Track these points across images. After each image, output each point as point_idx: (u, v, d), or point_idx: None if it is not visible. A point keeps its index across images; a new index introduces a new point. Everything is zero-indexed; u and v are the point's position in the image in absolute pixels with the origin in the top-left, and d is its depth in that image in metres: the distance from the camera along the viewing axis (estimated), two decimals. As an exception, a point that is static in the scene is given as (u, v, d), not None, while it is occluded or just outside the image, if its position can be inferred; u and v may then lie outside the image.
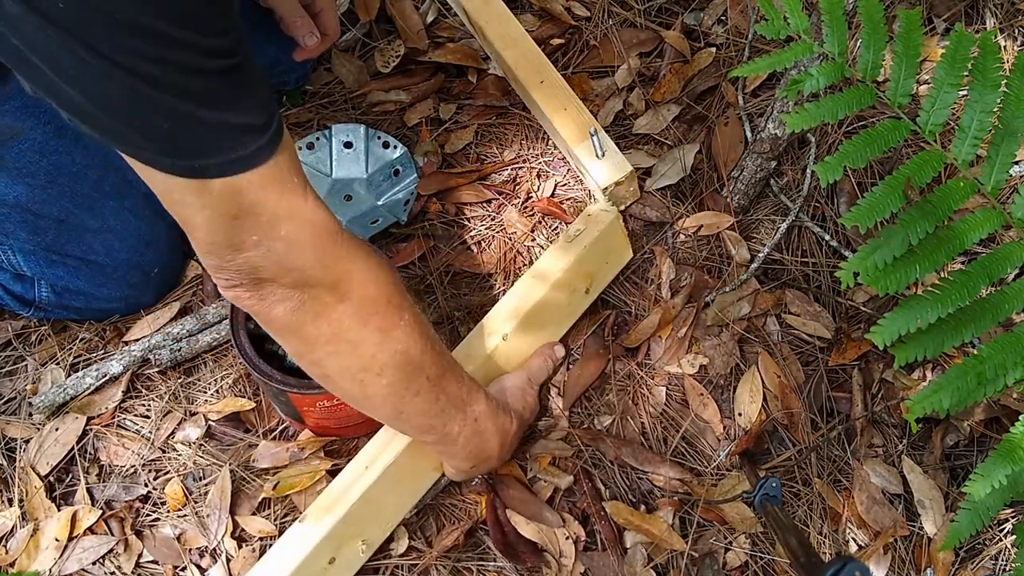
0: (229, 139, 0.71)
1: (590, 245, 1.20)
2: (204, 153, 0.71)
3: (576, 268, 1.19)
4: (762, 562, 1.11)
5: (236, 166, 0.72)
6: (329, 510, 1.04)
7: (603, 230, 1.21)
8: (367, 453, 1.08)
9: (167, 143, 0.70)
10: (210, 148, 0.71)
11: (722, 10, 1.49)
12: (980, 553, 1.11)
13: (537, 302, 1.16)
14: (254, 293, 0.81)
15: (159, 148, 0.70)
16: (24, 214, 1.16)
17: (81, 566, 1.13)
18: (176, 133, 0.69)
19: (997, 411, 1.17)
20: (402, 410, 0.96)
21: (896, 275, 0.90)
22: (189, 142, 0.70)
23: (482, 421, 1.03)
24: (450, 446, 1.03)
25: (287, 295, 0.82)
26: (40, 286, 1.23)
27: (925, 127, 0.94)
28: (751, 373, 1.21)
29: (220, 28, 0.68)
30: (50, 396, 1.21)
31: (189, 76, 0.67)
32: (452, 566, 1.11)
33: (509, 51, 1.40)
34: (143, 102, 0.66)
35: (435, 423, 0.99)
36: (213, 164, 0.71)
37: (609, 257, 1.25)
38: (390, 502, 1.10)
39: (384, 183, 1.37)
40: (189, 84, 0.67)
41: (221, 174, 0.72)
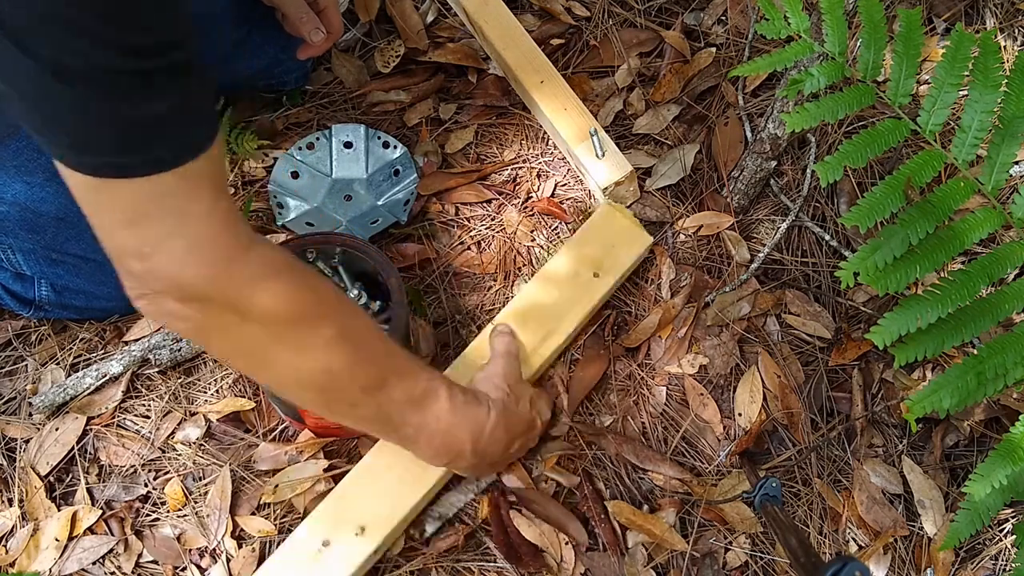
0: (133, 141, 0.69)
1: (583, 229, 1.24)
2: (105, 151, 0.69)
3: (571, 251, 1.21)
4: (762, 562, 1.11)
5: (135, 170, 0.70)
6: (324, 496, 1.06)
7: (594, 216, 1.25)
8: None
9: (72, 137, 0.68)
10: (111, 147, 0.69)
11: (722, 10, 1.49)
12: (980, 553, 1.11)
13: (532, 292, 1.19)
14: (157, 306, 0.79)
15: (65, 141, 0.69)
16: (23, 212, 1.16)
17: (81, 566, 1.13)
18: (81, 128, 0.67)
19: (997, 411, 1.17)
20: (342, 417, 0.94)
21: (896, 275, 0.90)
22: (92, 138, 0.68)
23: (444, 418, 0.99)
24: (410, 445, 1.00)
25: (185, 312, 0.79)
26: (40, 285, 1.23)
27: (925, 127, 0.94)
28: (751, 373, 1.21)
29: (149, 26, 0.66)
30: (50, 396, 1.21)
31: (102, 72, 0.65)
32: (452, 566, 1.11)
33: (509, 51, 1.40)
34: (51, 92, 0.65)
35: (381, 428, 0.96)
36: (113, 164, 0.69)
37: (615, 240, 1.25)
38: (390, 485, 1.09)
39: (384, 183, 1.37)
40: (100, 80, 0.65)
41: (117, 175, 0.70)
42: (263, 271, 0.81)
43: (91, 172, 0.70)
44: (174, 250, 0.74)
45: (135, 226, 0.73)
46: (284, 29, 1.35)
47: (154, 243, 0.74)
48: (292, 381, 0.88)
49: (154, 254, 0.74)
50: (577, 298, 1.22)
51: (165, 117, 0.70)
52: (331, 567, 1.05)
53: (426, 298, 1.28)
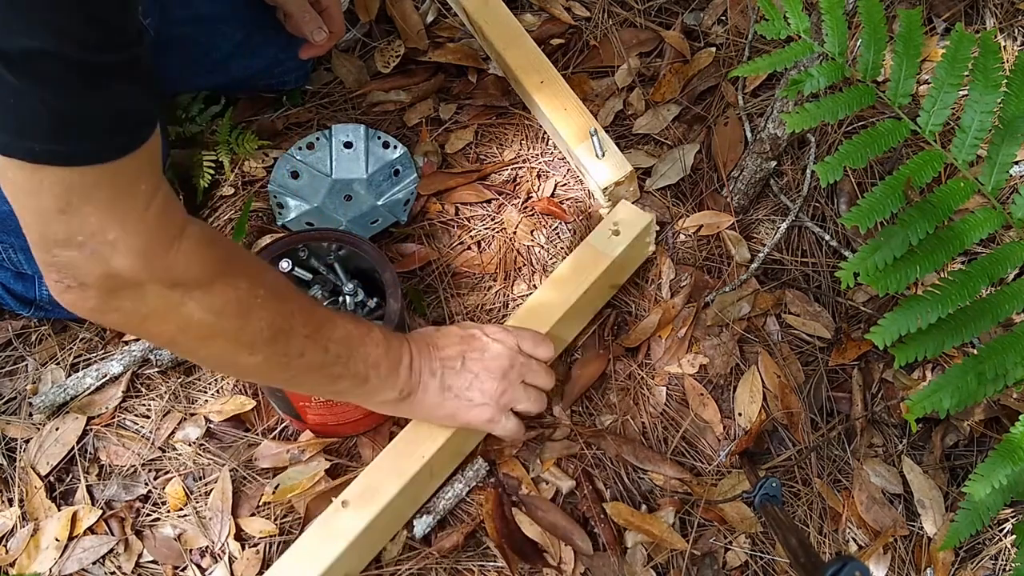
0: (70, 130, 0.69)
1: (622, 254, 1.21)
2: (40, 137, 0.68)
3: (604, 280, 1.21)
4: (762, 562, 1.11)
5: (71, 159, 0.70)
6: None
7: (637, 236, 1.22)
8: None
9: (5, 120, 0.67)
10: (48, 134, 0.68)
11: (722, 10, 1.49)
12: (980, 553, 1.11)
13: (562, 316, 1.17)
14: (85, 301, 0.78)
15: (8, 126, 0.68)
16: None
17: (81, 566, 1.13)
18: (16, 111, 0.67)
19: (997, 411, 1.17)
20: (294, 374, 0.94)
21: (896, 275, 0.90)
22: (28, 123, 0.67)
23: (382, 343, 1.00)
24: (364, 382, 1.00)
25: (113, 302, 0.78)
26: (41, 284, 1.23)
27: (925, 127, 0.94)
28: (751, 373, 1.21)
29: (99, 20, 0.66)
30: (50, 396, 1.21)
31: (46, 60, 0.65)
32: (452, 567, 1.11)
33: (509, 51, 1.40)
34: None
35: (339, 371, 0.96)
36: (48, 151, 0.69)
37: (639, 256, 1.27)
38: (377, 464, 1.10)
39: (384, 183, 1.37)
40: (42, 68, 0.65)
41: (55, 162, 0.69)
42: (196, 248, 0.81)
43: (29, 158, 0.69)
44: (108, 238, 0.74)
45: (69, 214, 0.72)
46: (285, 29, 1.35)
47: (88, 232, 0.73)
48: (241, 348, 0.88)
49: (87, 243, 0.74)
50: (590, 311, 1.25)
51: (107, 110, 0.70)
52: None
53: (426, 298, 1.28)
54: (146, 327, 0.83)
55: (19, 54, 0.64)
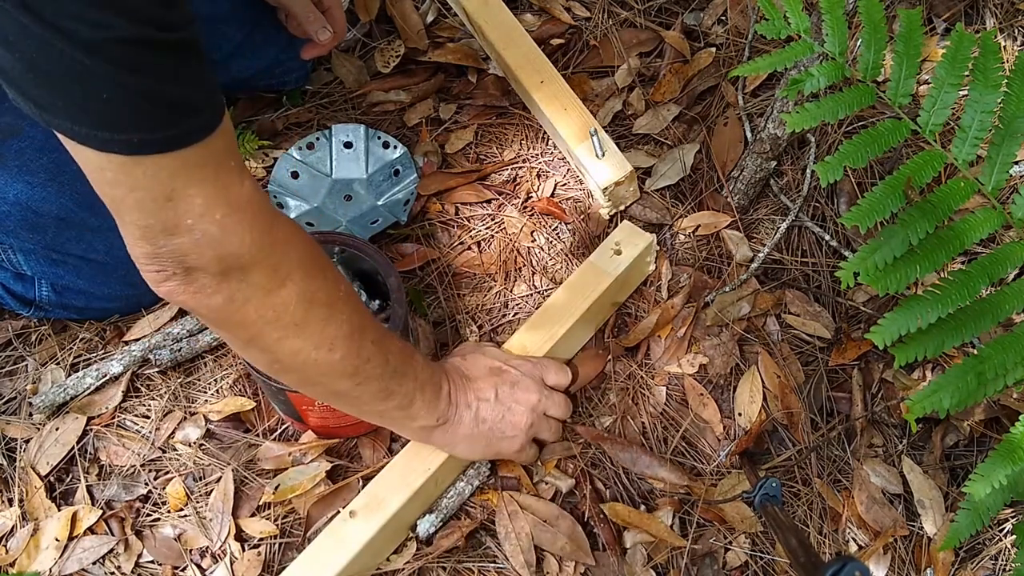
0: (167, 114, 0.69)
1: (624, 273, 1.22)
2: (139, 127, 0.69)
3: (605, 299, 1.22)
4: (762, 562, 1.11)
5: (171, 143, 0.70)
6: None
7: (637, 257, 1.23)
8: None
9: (102, 116, 0.68)
10: (145, 122, 0.69)
11: (722, 10, 1.49)
12: (980, 553, 1.11)
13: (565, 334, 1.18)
14: (188, 285, 0.79)
15: (94, 121, 0.68)
16: (24, 212, 1.16)
17: (81, 566, 1.13)
18: (112, 105, 0.67)
19: (997, 411, 1.17)
20: (359, 380, 0.95)
21: (896, 275, 0.90)
22: (124, 115, 0.68)
23: (426, 368, 1.02)
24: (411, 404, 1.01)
25: (223, 284, 0.80)
26: (40, 285, 1.23)
27: (925, 127, 0.94)
28: (751, 373, 1.21)
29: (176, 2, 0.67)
30: (50, 396, 1.21)
31: (129, 46, 0.65)
32: (452, 567, 1.11)
33: (509, 51, 1.40)
34: (81, 71, 0.65)
35: (391, 384, 0.98)
36: (147, 140, 0.69)
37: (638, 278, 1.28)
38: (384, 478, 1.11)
39: (384, 183, 1.37)
40: (128, 54, 0.65)
41: (155, 150, 0.70)
42: (293, 233, 0.84)
43: (128, 150, 0.69)
44: (216, 218, 0.75)
45: (175, 200, 0.73)
46: (286, 29, 1.35)
47: (196, 214, 0.74)
48: (324, 340, 0.89)
49: (197, 225, 0.75)
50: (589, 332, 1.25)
51: (187, 90, 0.70)
52: None
53: (426, 298, 1.28)
54: (244, 313, 0.83)
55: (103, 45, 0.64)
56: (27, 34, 0.63)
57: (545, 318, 1.19)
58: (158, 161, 0.70)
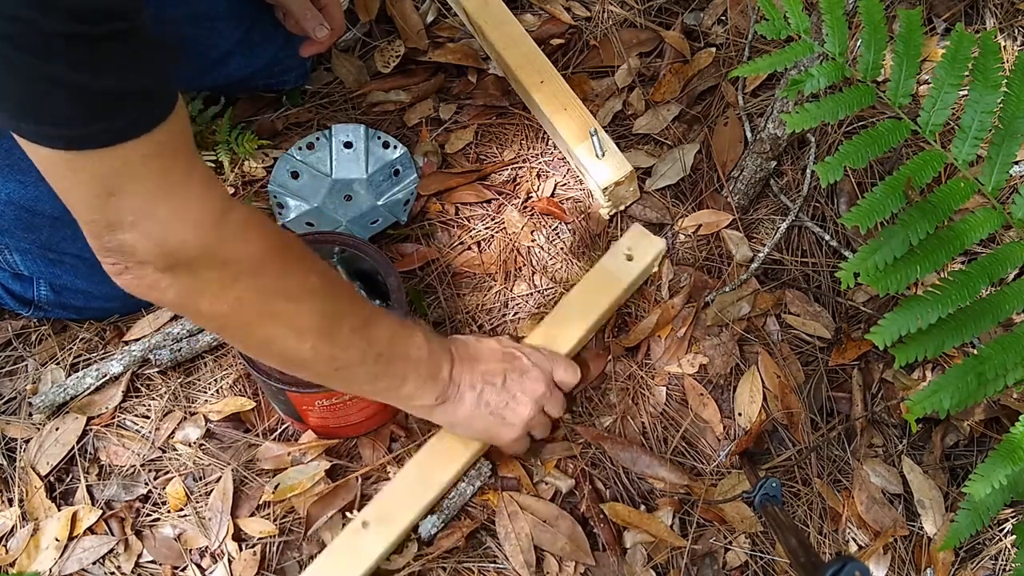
0: (104, 108, 0.68)
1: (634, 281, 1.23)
2: (74, 122, 0.68)
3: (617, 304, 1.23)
4: (762, 562, 1.11)
5: (109, 137, 0.69)
6: None
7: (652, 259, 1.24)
8: None
9: (40, 112, 0.67)
10: (81, 116, 0.68)
11: (722, 10, 1.49)
12: (980, 553, 1.11)
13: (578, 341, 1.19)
14: (141, 279, 0.79)
15: (34, 118, 0.67)
16: (18, 211, 1.15)
17: (81, 566, 1.13)
18: (44, 100, 0.66)
19: (997, 411, 1.17)
20: (338, 367, 0.94)
21: (896, 275, 0.90)
22: (57, 109, 0.67)
23: (424, 346, 1.01)
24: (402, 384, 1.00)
25: (173, 280, 0.79)
26: (39, 285, 1.23)
27: (925, 127, 0.94)
28: (751, 373, 1.21)
29: None
30: (50, 396, 1.21)
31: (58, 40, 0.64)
32: (452, 567, 1.11)
33: (509, 51, 1.40)
34: (14, 68, 0.64)
35: (377, 369, 0.96)
36: (85, 134, 0.68)
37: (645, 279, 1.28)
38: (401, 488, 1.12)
39: (384, 183, 1.37)
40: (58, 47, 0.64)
41: (94, 145, 0.69)
42: (246, 227, 0.82)
43: (61, 145, 0.69)
44: (158, 215, 0.74)
45: (115, 195, 0.72)
46: (283, 28, 1.35)
47: (137, 210, 0.73)
48: (290, 333, 0.88)
49: (139, 221, 0.73)
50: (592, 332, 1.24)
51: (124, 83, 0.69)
52: None
53: (426, 298, 1.28)
54: (200, 305, 0.82)
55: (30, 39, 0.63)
56: None
57: (556, 323, 1.20)
58: (98, 156, 0.69)
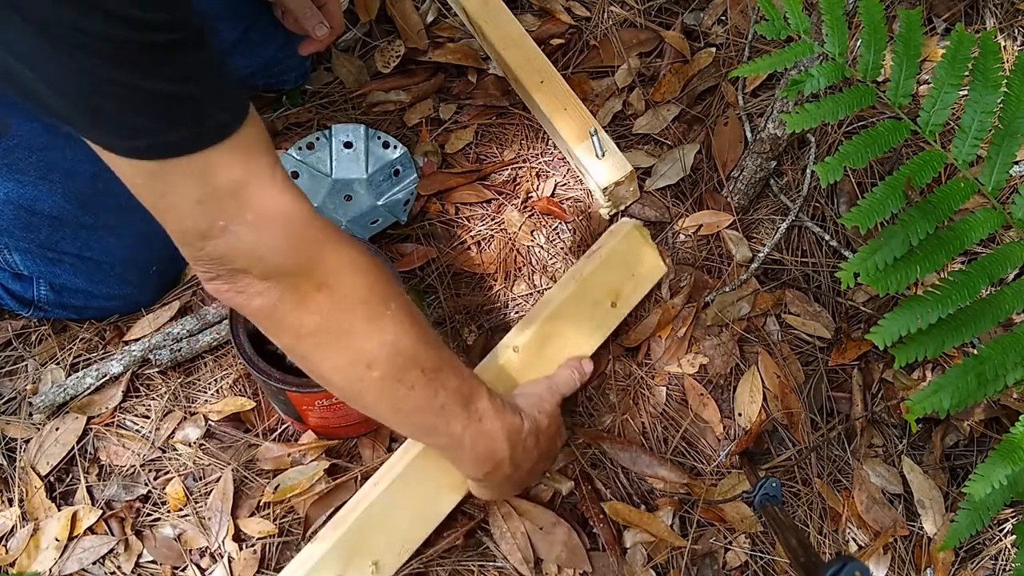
0: (185, 114, 0.68)
1: (606, 256, 1.18)
2: (158, 130, 0.68)
3: (592, 279, 1.17)
4: (762, 562, 1.11)
5: (195, 143, 0.69)
6: (336, 527, 1.02)
7: (619, 241, 1.19)
8: (380, 471, 1.06)
9: (120, 123, 0.67)
10: (164, 125, 0.68)
11: (722, 10, 1.49)
12: (980, 553, 1.11)
13: (549, 314, 1.13)
14: (232, 285, 0.79)
15: (113, 128, 0.68)
16: (17, 211, 1.16)
17: (81, 566, 1.13)
18: (128, 111, 0.66)
19: (997, 411, 1.17)
20: (399, 407, 0.91)
21: (896, 275, 0.90)
22: (142, 120, 0.67)
23: (487, 419, 0.96)
24: (457, 448, 0.97)
25: (264, 287, 0.79)
26: (39, 285, 1.23)
27: (925, 127, 0.94)
28: (751, 373, 1.21)
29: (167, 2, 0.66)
30: (50, 396, 1.21)
31: (138, 50, 0.65)
32: (452, 567, 1.11)
33: (509, 51, 1.40)
34: (93, 80, 0.65)
35: (436, 421, 0.93)
36: (167, 142, 0.69)
37: (635, 270, 1.23)
38: (402, 519, 1.07)
39: (384, 183, 1.37)
40: (138, 59, 0.65)
41: (177, 153, 0.69)
42: (332, 238, 0.81)
43: (144, 155, 0.69)
44: (247, 220, 0.74)
45: (205, 203, 0.72)
46: (282, 28, 1.35)
47: (229, 216, 0.73)
48: (362, 356, 0.86)
49: (230, 227, 0.73)
50: (594, 327, 1.19)
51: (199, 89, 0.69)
52: None
53: (426, 298, 1.28)
54: (282, 314, 0.81)
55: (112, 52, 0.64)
56: (45, 56, 0.63)
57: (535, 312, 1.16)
58: (182, 164, 0.70)
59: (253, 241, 0.75)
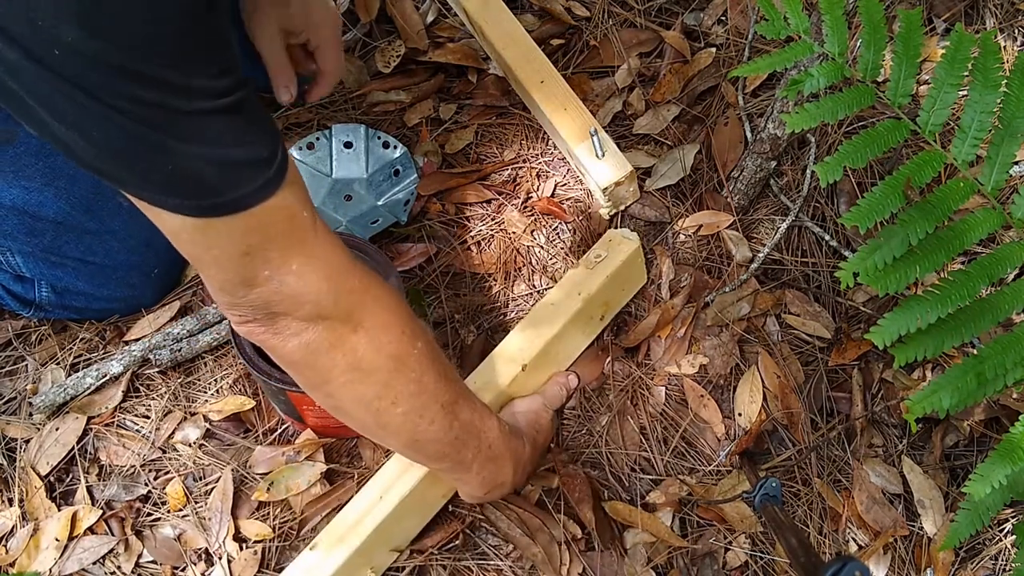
0: (234, 176, 0.70)
1: (612, 275, 1.18)
2: (209, 192, 0.70)
3: (596, 298, 1.18)
4: (762, 562, 1.11)
5: (242, 202, 0.71)
6: (343, 540, 1.03)
7: (625, 260, 1.20)
8: (379, 481, 1.06)
9: (171, 184, 0.69)
10: (214, 187, 0.70)
11: (722, 10, 1.49)
12: (980, 553, 1.11)
13: (556, 335, 1.15)
14: (268, 327, 0.81)
15: (163, 189, 0.69)
16: (21, 216, 1.16)
17: (81, 566, 1.13)
18: (179, 174, 0.68)
19: (997, 411, 1.17)
20: (417, 438, 0.94)
21: (896, 275, 0.90)
22: (193, 182, 0.69)
23: (496, 447, 1.01)
24: (464, 473, 1.01)
25: (301, 328, 0.81)
26: (40, 286, 1.23)
27: (925, 127, 0.94)
28: (751, 373, 1.21)
29: (218, 68, 0.67)
30: (50, 396, 1.21)
31: (189, 118, 0.66)
32: (452, 566, 1.11)
33: (509, 51, 1.40)
34: (144, 146, 0.66)
35: (449, 451, 0.97)
36: (219, 202, 0.70)
37: (627, 284, 1.25)
38: (403, 529, 1.10)
39: (384, 183, 1.37)
40: (189, 126, 0.67)
41: (228, 211, 0.71)
42: (370, 281, 0.84)
43: (197, 214, 0.70)
44: (292, 269, 0.76)
45: (251, 255, 0.74)
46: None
47: (274, 266, 0.75)
48: (388, 393, 0.89)
49: (274, 276, 0.76)
50: (583, 339, 1.23)
51: (248, 150, 0.71)
52: None
53: (426, 298, 1.28)
54: (316, 356, 0.84)
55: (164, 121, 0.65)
56: (86, 114, 0.64)
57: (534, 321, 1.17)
58: (231, 221, 0.71)
59: (298, 289, 0.78)
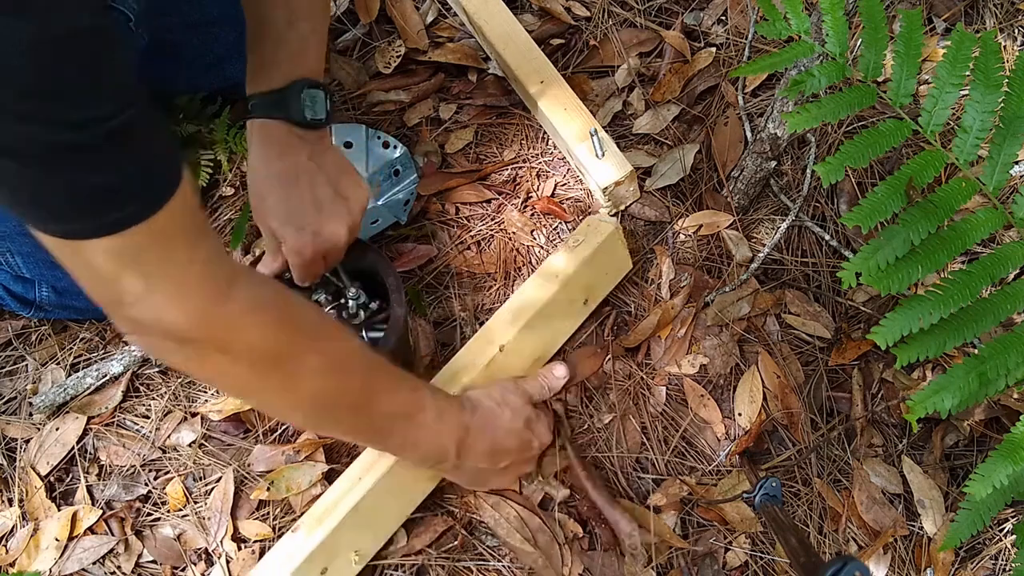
0: (99, 203, 0.70)
1: (589, 257, 1.18)
2: (70, 218, 0.70)
3: (575, 280, 1.17)
4: (762, 562, 1.11)
5: (103, 230, 0.71)
6: (321, 521, 1.04)
7: (602, 242, 1.19)
8: (361, 463, 1.08)
9: (36, 209, 0.69)
10: (76, 213, 0.70)
11: (722, 10, 1.49)
12: (980, 553, 1.11)
13: (534, 314, 1.14)
14: (146, 341, 0.82)
15: (31, 213, 0.70)
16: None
17: (81, 566, 1.13)
18: (41, 201, 0.68)
19: (997, 411, 1.17)
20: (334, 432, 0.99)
21: (898, 275, 0.90)
22: (55, 208, 0.69)
23: (429, 425, 1.01)
24: (397, 452, 1.05)
25: (174, 348, 0.81)
26: (40, 286, 1.23)
27: (926, 127, 0.94)
28: (751, 373, 1.21)
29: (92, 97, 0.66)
30: (50, 396, 1.21)
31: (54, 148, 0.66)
32: (451, 566, 1.11)
33: (509, 51, 1.40)
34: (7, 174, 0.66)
35: (369, 440, 1.01)
36: (81, 228, 0.70)
37: (609, 269, 1.24)
38: (385, 512, 1.10)
39: (384, 183, 1.37)
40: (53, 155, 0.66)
41: (93, 235, 0.70)
42: (245, 311, 0.82)
43: (62, 236, 0.71)
44: (155, 300, 0.76)
45: (114, 281, 0.74)
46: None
47: (136, 294, 0.75)
48: (281, 407, 0.94)
49: (136, 303, 0.75)
50: (567, 323, 1.23)
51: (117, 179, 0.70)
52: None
53: (426, 298, 1.28)
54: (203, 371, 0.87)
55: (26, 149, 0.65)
56: None
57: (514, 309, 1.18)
58: (96, 246, 0.71)
59: (162, 316, 0.77)
